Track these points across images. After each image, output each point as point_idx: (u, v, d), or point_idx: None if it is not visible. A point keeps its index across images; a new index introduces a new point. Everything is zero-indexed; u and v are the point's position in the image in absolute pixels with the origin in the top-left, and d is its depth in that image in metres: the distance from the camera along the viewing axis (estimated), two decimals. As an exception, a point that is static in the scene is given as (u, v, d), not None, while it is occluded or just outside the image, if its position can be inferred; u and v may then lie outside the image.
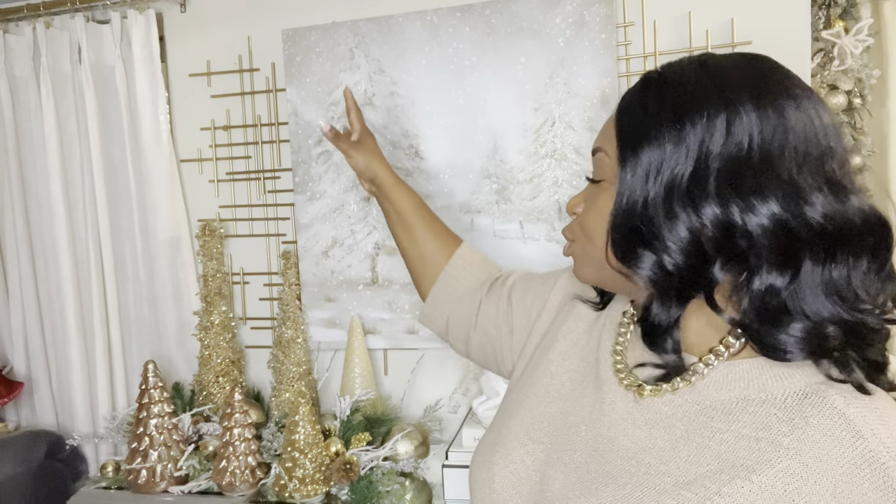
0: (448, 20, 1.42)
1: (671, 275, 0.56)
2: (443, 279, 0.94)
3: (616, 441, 0.61)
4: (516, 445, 0.67)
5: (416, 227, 0.98)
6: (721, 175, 0.54)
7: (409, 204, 1.00)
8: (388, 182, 1.02)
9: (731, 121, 0.54)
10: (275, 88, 1.60)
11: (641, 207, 0.57)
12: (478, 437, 1.29)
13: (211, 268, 1.61)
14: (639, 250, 0.57)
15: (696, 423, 0.57)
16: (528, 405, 0.71)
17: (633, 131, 0.59)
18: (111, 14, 1.62)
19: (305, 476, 1.26)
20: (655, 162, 0.56)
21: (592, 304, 0.75)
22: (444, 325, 0.93)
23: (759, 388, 0.56)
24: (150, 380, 1.37)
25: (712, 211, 0.54)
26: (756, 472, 0.53)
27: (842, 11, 1.31)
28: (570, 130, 1.39)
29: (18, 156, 1.73)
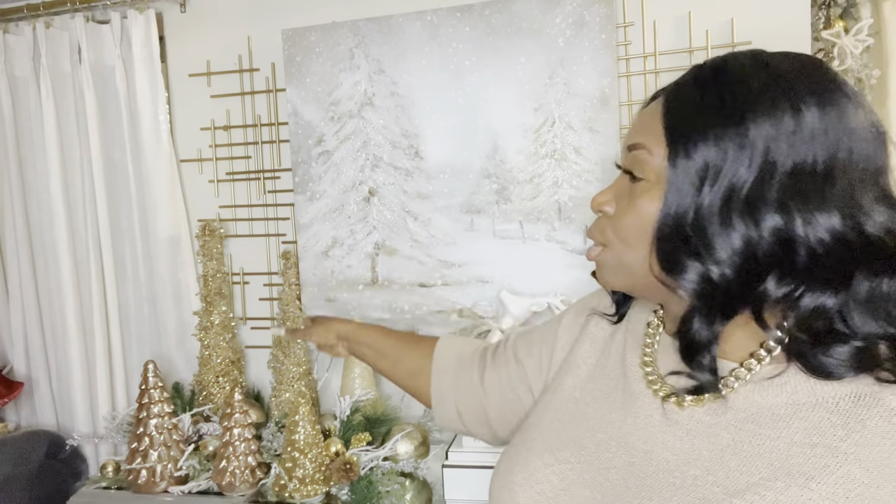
0: (448, 20, 1.42)
1: (718, 288, 0.53)
2: (435, 373, 0.92)
3: (654, 454, 0.58)
4: (540, 466, 0.65)
5: (392, 351, 0.98)
6: (785, 183, 0.51)
7: (378, 335, 1.01)
8: (353, 328, 1.03)
9: (796, 127, 0.51)
10: (275, 88, 1.60)
11: (694, 215, 0.53)
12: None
13: (211, 268, 1.61)
14: (686, 260, 0.53)
15: (742, 430, 0.55)
16: (552, 428, 0.68)
17: (688, 129, 0.54)
18: (111, 14, 1.62)
19: (305, 476, 1.26)
20: (714, 165, 0.52)
21: (609, 317, 0.72)
22: (457, 415, 0.89)
23: (808, 391, 0.54)
24: (150, 380, 1.37)
25: (774, 222, 0.51)
26: (814, 480, 0.50)
27: (842, 11, 1.31)
28: (570, 130, 1.39)
29: (18, 156, 1.73)
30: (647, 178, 0.57)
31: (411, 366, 0.95)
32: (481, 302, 1.47)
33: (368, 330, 1.02)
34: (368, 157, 1.50)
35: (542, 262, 1.42)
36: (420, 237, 1.49)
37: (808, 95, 0.52)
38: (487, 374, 0.86)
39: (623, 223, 0.60)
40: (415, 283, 1.50)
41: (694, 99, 0.55)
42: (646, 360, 0.65)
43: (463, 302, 1.48)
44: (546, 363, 0.79)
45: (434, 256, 1.49)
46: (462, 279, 1.47)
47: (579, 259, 1.40)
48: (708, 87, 0.55)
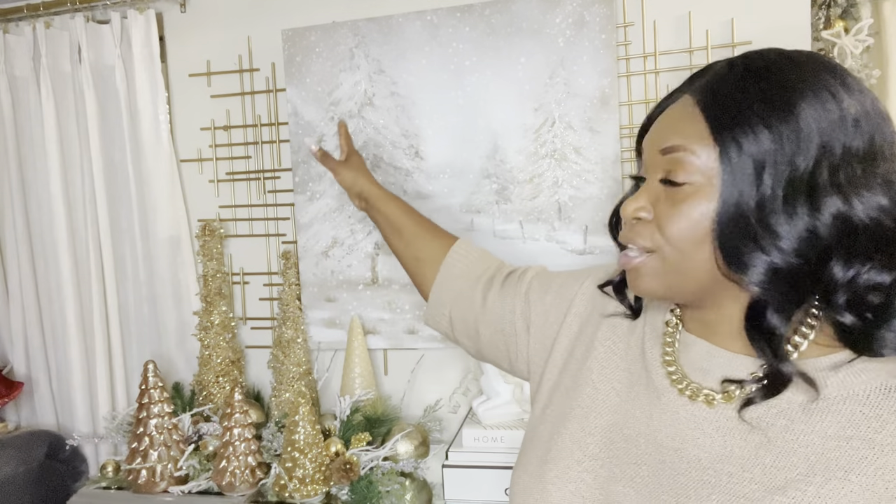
0: (448, 20, 1.42)
1: (786, 278, 0.53)
2: (441, 275, 0.92)
3: (684, 451, 0.59)
4: (572, 463, 0.65)
5: (408, 230, 0.98)
6: (839, 167, 0.52)
7: (399, 210, 1.01)
8: (375, 194, 1.04)
9: (841, 110, 0.53)
10: (275, 88, 1.60)
11: (756, 206, 0.53)
12: (478, 437, 1.29)
13: (211, 268, 1.61)
14: (752, 254, 0.53)
15: (774, 427, 0.55)
16: (576, 418, 0.68)
17: (737, 123, 0.54)
18: (111, 14, 1.62)
19: (305, 476, 1.27)
20: (771, 155, 0.52)
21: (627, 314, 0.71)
22: (448, 322, 0.91)
23: (838, 385, 0.55)
24: (150, 380, 1.37)
25: (835, 206, 0.52)
26: (854, 472, 0.51)
27: (842, 11, 1.31)
28: (570, 130, 1.39)
29: (18, 156, 1.73)
30: (691, 180, 0.56)
31: (421, 253, 0.96)
32: (481, 302, 1.46)
33: (390, 202, 1.03)
34: (368, 157, 1.50)
35: (543, 262, 1.41)
36: (420, 237, 1.49)
37: (838, 84, 0.53)
38: (492, 295, 0.85)
39: (673, 229, 0.58)
40: (415, 283, 1.50)
41: (736, 93, 0.55)
42: (667, 359, 0.64)
43: (463, 302, 1.48)
44: (554, 318, 0.78)
45: (434, 256, 1.49)
46: (462, 279, 1.47)
47: (579, 259, 1.40)
48: (748, 81, 0.55)
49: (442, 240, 0.97)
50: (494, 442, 1.28)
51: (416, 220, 1.01)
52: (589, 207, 1.39)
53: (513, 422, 1.32)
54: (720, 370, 0.60)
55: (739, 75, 0.56)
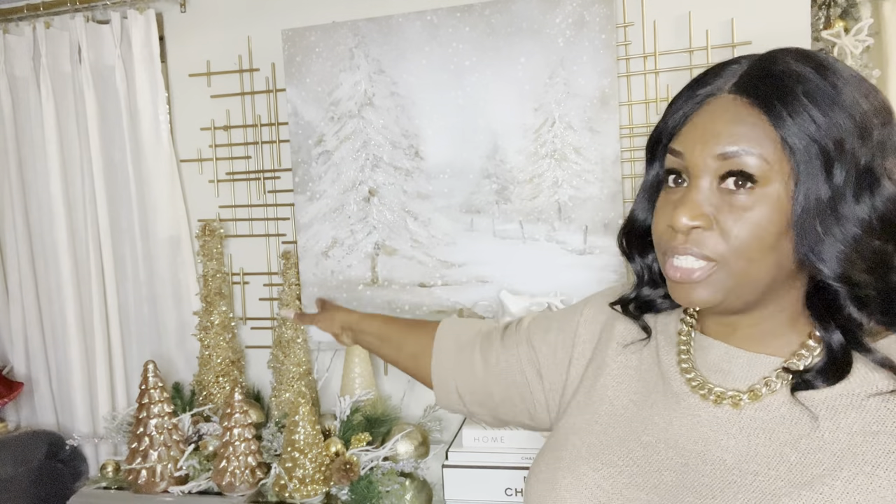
0: (448, 20, 1.42)
1: (862, 267, 0.54)
2: (436, 355, 0.91)
3: (708, 454, 0.59)
4: (588, 471, 0.64)
5: (395, 336, 0.99)
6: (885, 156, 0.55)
7: (381, 322, 1.01)
8: (356, 318, 1.04)
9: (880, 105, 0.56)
10: (275, 88, 1.60)
11: (830, 200, 0.54)
12: (478, 437, 1.29)
13: (211, 268, 1.61)
14: (829, 249, 0.54)
15: (799, 425, 0.56)
16: (593, 431, 0.67)
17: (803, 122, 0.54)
18: (111, 14, 1.62)
19: (305, 476, 1.27)
20: (837, 150, 0.54)
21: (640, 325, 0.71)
22: (458, 397, 0.88)
23: (860, 381, 0.55)
24: (150, 380, 1.37)
25: (890, 189, 0.54)
26: (881, 467, 0.52)
27: (842, 11, 1.31)
28: (570, 130, 1.39)
29: (18, 156, 1.73)
30: (759, 180, 0.55)
31: (413, 349, 0.95)
32: (481, 302, 1.47)
33: (371, 319, 1.03)
34: (368, 157, 1.50)
35: (542, 262, 1.42)
36: (420, 237, 1.49)
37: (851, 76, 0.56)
38: (493, 354, 0.84)
39: (742, 236, 0.56)
40: (415, 283, 1.50)
41: (793, 87, 0.55)
42: (684, 366, 0.64)
43: (463, 302, 1.48)
44: (563, 354, 0.77)
45: (434, 256, 1.49)
46: (462, 279, 1.47)
47: (579, 259, 1.40)
48: (800, 75, 0.55)
49: (427, 328, 0.96)
50: (494, 442, 1.28)
51: (398, 322, 1.02)
52: (589, 207, 1.39)
53: (513, 422, 1.32)
54: (742, 370, 0.60)
55: (790, 70, 0.56)
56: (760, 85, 0.56)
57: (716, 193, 0.57)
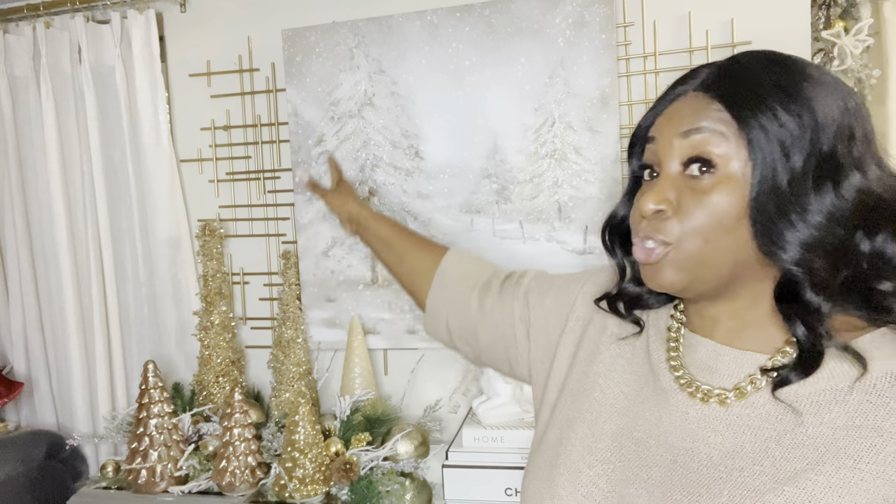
0: (448, 20, 1.42)
1: (821, 253, 0.55)
2: (436, 283, 0.92)
3: (696, 451, 0.59)
4: (583, 468, 0.65)
5: (401, 246, 0.99)
6: (852, 145, 0.56)
7: (389, 228, 1.02)
8: (365, 214, 1.05)
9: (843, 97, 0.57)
10: (275, 88, 1.60)
11: (788, 186, 0.55)
12: (478, 437, 1.29)
13: (211, 268, 1.61)
14: (785, 233, 0.55)
15: (783, 421, 0.57)
16: (585, 422, 0.68)
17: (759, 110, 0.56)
18: (111, 14, 1.62)
19: (305, 476, 1.26)
20: (794, 137, 0.55)
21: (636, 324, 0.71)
22: (446, 329, 0.91)
23: (844, 376, 0.56)
24: (150, 380, 1.37)
25: (856, 179, 0.55)
26: (863, 460, 0.52)
27: (842, 11, 1.31)
28: (570, 130, 1.39)
29: (18, 156, 1.73)
30: (718, 164, 0.57)
31: (415, 266, 0.95)
32: (481, 302, 1.46)
33: (380, 221, 1.03)
34: (368, 157, 1.50)
35: (542, 262, 1.42)
36: (420, 237, 1.49)
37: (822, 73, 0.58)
38: (489, 300, 0.85)
39: (700, 219, 0.58)
40: (415, 283, 1.50)
41: (752, 82, 0.57)
42: (672, 364, 0.65)
43: (463, 302, 1.48)
44: (555, 322, 0.78)
45: (434, 256, 1.49)
46: (462, 279, 1.47)
47: (579, 259, 1.40)
48: (761, 71, 0.58)
49: (435, 251, 0.97)
50: (494, 442, 1.28)
51: (408, 235, 1.02)
52: (589, 207, 1.39)
53: (513, 422, 1.32)
54: (728, 368, 0.61)
55: (748, 66, 0.59)
56: (721, 81, 0.59)
57: (680, 180, 0.60)
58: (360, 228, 1.05)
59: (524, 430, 1.27)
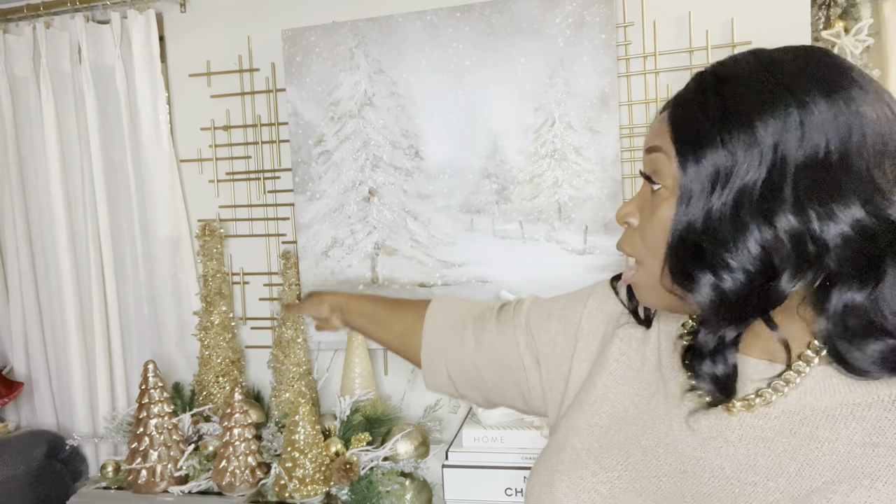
0: (448, 20, 1.42)
1: (729, 296, 0.52)
2: (426, 334, 0.88)
3: (707, 461, 0.57)
4: (586, 475, 0.63)
5: (384, 314, 0.96)
6: (798, 180, 0.50)
7: (370, 303, 0.99)
8: (343, 300, 1.01)
9: (804, 119, 0.50)
10: (275, 88, 1.60)
11: (704, 222, 0.52)
12: (478, 437, 1.29)
13: (211, 268, 1.61)
14: (698, 273, 0.52)
15: (798, 434, 0.54)
16: (593, 433, 0.66)
17: (695, 136, 0.54)
18: (111, 14, 1.62)
19: (305, 476, 1.26)
20: (724, 169, 0.51)
21: (640, 321, 0.70)
22: (448, 379, 0.86)
23: (863, 391, 0.53)
24: (150, 380, 1.37)
25: (787, 221, 0.49)
26: (880, 480, 0.50)
27: (842, 11, 1.31)
28: (570, 130, 1.39)
29: (18, 156, 1.73)
30: (665, 184, 0.56)
31: (402, 327, 0.92)
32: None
33: (360, 299, 1.01)
34: (368, 157, 1.50)
35: (542, 262, 1.42)
36: (420, 237, 1.49)
37: (812, 86, 0.51)
38: (487, 335, 0.82)
39: (649, 235, 0.58)
40: (415, 282, 1.50)
41: (697, 107, 0.55)
42: (685, 367, 0.62)
43: (463, 302, 1.48)
44: (564, 345, 0.76)
45: (434, 256, 1.49)
46: (462, 279, 1.48)
47: (579, 259, 1.40)
48: (710, 93, 0.54)
49: (417, 306, 0.93)
50: (494, 442, 1.28)
51: (388, 302, 0.99)
52: (589, 207, 1.39)
53: (513, 422, 1.32)
54: (741, 377, 0.59)
55: (704, 87, 0.55)
56: (676, 100, 0.58)
57: (648, 192, 0.60)
58: (344, 315, 1.01)
59: (524, 430, 1.27)
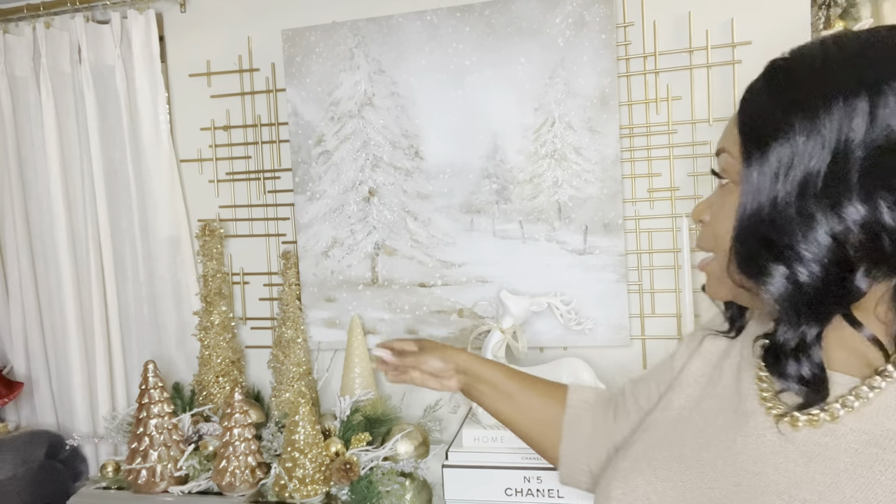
0: (448, 20, 1.42)
1: (805, 289, 0.50)
2: (567, 430, 0.85)
3: (764, 476, 0.55)
4: (641, 483, 0.63)
5: (518, 393, 0.90)
6: (865, 167, 0.48)
7: (502, 374, 0.92)
8: (473, 362, 0.95)
9: (874, 103, 0.48)
10: (275, 88, 1.60)
11: (769, 211, 0.51)
12: (478, 437, 1.29)
13: (211, 268, 1.61)
14: (768, 263, 0.51)
15: (863, 455, 0.51)
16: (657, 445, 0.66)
17: (759, 125, 0.53)
18: (111, 14, 1.62)
19: (305, 476, 1.26)
20: (786, 158, 0.50)
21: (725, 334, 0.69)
22: (589, 475, 0.84)
23: None
24: (150, 380, 1.37)
25: (856, 210, 0.48)
26: None
27: (842, 11, 1.31)
28: (569, 130, 1.39)
29: (18, 156, 1.73)
30: (732, 178, 0.58)
31: (539, 414, 0.87)
32: (481, 302, 1.47)
33: (491, 366, 0.94)
34: (368, 157, 1.50)
35: (542, 262, 1.42)
36: (420, 237, 1.49)
37: (881, 69, 0.49)
38: (618, 426, 0.80)
39: (720, 230, 0.58)
40: (415, 283, 1.50)
41: (765, 93, 0.55)
42: (761, 376, 0.61)
43: (463, 302, 1.48)
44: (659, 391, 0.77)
45: (434, 256, 1.49)
46: (462, 279, 1.48)
47: (579, 259, 1.40)
48: (777, 81, 0.54)
49: (553, 393, 0.89)
50: (494, 442, 1.28)
51: (521, 377, 0.93)
52: (589, 207, 1.39)
53: (513, 422, 1.32)
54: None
55: (773, 76, 0.55)
56: (746, 92, 0.58)
57: (720, 189, 0.61)
58: (469, 379, 0.94)
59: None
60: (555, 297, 1.39)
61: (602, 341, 1.41)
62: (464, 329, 1.47)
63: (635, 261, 1.40)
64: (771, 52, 0.61)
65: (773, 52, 0.62)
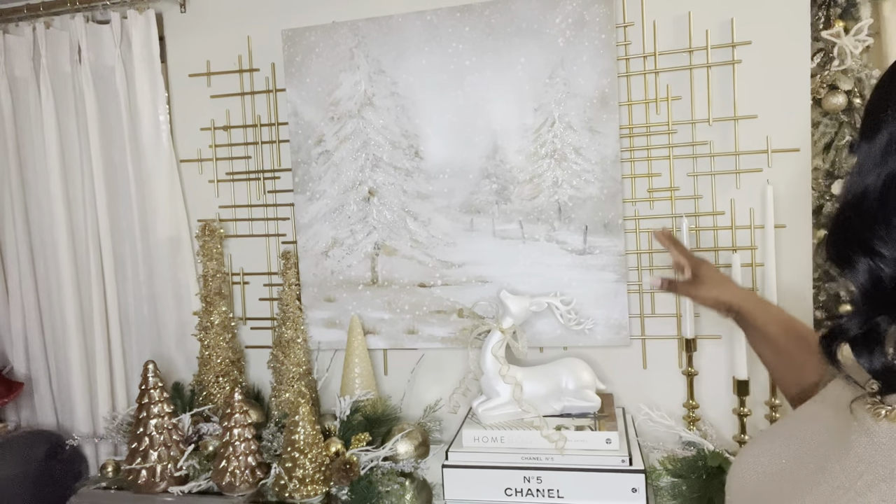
0: (448, 20, 1.42)
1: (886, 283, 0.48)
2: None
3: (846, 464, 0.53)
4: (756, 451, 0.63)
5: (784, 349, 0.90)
6: None
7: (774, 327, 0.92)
8: (745, 305, 0.95)
9: None
10: (275, 88, 1.60)
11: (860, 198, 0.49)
12: (478, 437, 1.29)
13: (211, 268, 1.61)
14: (856, 256, 0.49)
15: None
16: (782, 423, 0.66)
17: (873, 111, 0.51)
18: (111, 14, 1.62)
19: (305, 476, 1.26)
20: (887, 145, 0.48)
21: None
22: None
23: None
24: (149, 380, 1.37)
25: None
26: None
27: (842, 11, 1.31)
28: (569, 130, 1.39)
29: (18, 156, 1.73)
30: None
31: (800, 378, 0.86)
32: (481, 302, 1.47)
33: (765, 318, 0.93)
34: (368, 157, 1.50)
35: (542, 262, 1.42)
36: (420, 237, 1.49)
37: None
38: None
39: None
40: (415, 283, 1.51)
41: (886, 81, 0.53)
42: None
43: (463, 302, 1.48)
44: None
45: (434, 256, 1.49)
46: (462, 279, 1.48)
47: (579, 259, 1.40)
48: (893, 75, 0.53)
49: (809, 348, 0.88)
50: (494, 442, 1.28)
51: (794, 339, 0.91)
52: (589, 207, 1.39)
53: (513, 422, 1.32)
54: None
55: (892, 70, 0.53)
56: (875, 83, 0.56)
57: None
58: (739, 318, 0.96)
59: (524, 430, 1.27)
60: (555, 297, 1.39)
61: (602, 341, 1.41)
62: (464, 329, 1.47)
63: (635, 261, 1.40)
64: (771, 52, 0.61)
65: (772, 52, 0.62)
